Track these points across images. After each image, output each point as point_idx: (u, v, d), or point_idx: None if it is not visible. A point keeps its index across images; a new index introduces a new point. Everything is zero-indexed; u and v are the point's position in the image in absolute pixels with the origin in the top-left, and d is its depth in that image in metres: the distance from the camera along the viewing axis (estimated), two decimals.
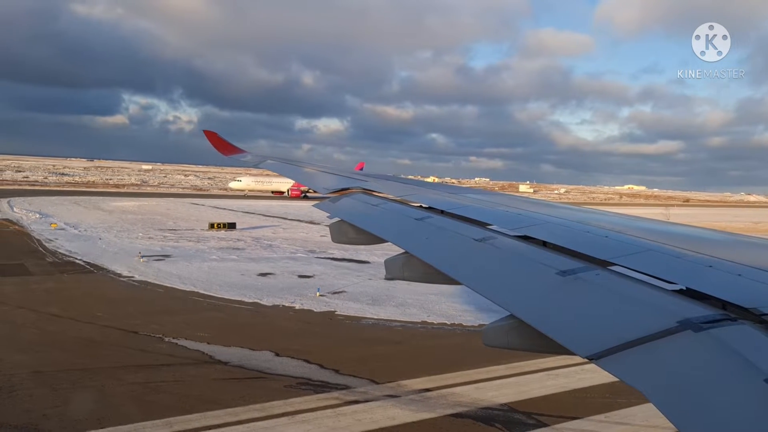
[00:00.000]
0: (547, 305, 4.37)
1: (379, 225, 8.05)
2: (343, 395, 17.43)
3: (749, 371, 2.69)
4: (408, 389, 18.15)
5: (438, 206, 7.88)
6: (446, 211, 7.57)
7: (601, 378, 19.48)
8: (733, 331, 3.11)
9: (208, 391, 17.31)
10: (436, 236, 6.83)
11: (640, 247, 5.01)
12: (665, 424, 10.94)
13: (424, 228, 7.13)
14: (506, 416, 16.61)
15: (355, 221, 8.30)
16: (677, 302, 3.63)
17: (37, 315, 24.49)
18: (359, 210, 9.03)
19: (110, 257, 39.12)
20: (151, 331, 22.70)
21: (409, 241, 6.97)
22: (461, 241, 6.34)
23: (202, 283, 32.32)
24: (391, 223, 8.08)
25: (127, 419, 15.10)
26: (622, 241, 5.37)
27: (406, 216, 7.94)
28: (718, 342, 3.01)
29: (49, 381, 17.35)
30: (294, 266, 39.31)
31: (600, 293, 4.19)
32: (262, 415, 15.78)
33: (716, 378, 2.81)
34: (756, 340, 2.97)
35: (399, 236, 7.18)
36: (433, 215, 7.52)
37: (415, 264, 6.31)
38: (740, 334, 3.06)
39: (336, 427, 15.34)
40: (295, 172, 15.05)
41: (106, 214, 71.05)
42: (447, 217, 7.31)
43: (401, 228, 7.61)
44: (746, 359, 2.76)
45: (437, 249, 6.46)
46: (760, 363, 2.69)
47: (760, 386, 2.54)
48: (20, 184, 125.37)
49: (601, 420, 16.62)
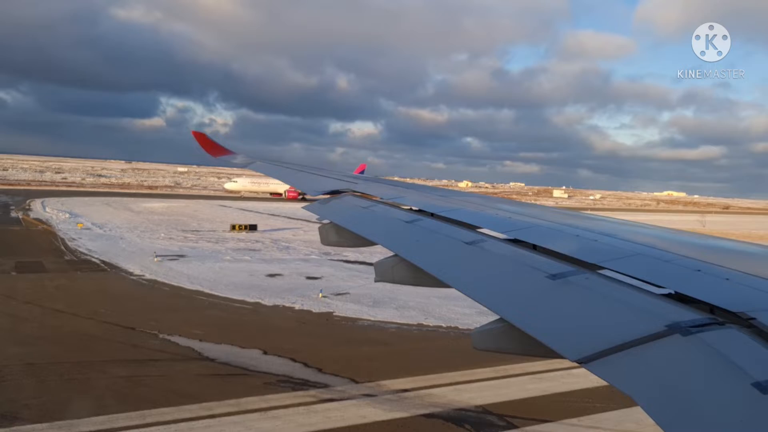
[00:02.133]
0: (536, 308, 4.38)
1: (368, 227, 8.08)
2: (319, 393, 17.67)
3: (737, 375, 2.71)
4: (386, 389, 18.30)
5: (428, 209, 7.93)
6: (436, 214, 7.61)
7: (586, 383, 19.40)
8: (720, 335, 3.13)
9: (189, 386, 17.73)
10: (426, 239, 6.84)
11: (629, 251, 5.03)
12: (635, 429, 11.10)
13: (414, 231, 7.16)
14: (478, 417, 16.64)
15: (345, 224, 8.32)
16: (666, 306, 3.66)
17: (42, 310, 25.32)
18: (349, 212, 9.06)
19: (126, 256, 40.09)
20: (147, 328, 23.28)
21: (399, 243, 6.98)
22: (451, 243, 6.35)
23: (209, 282, 32.94)
24: (380, 225, 8.10)
25: (103, 411, 15.59)
26: (611, 245, 5.40)
27: (395, 219, 7.97)
28: (706, 346, 3.03)
29: (38, 373, 17.97)
30: (304, 268, 39.74)
31: (589, 297, 4.21)
32: (236, 410, 16.11)
33: (704, 382, 2.83)
34: (743, 344, 2.99)
35: (389, 239, 7.22)
36: (423, 218, 7.56)
37: (404, 267, 6.31)
38: (728, 338, 3.08)
39: (305, 424, 15.58)
40: (283, 174, 15.01)
41: (134, 214, 72.65)
42: (437, 220, 7.34)
43: (391, 231, 7.65)
44: (734, 363, 2.79)
45: (427, 252, 6.47)
46: (748, 367, 2.73)
47: (748, 390, 2.56)
48: (58, 185, 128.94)
49: (572, 423, 16.55)
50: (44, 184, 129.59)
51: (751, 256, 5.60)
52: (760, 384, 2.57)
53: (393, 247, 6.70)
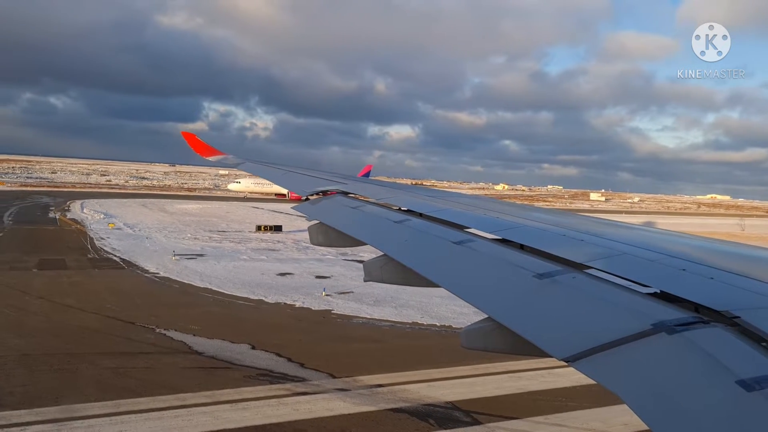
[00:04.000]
0: (523, 308, 4.42)
1: (357, 227, 8.19)
2: (294, 387, 18.15)
3: (722, 373, 2.75)
4: (362, 384, 18.67)
5: (417, 209, 8.00)
6: (425, 214, 7.67)
7: (564, 382, 19.48)
8: (705, 333, 3.16)
9: (171, 378, 18.40)
10: (415, 239, 6.90)
11: (615, 251, 5.07)
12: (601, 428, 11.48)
13: (403, 231, 7.22)
14: (445, 413, 16.88)
15: (334, 224, 8.40)
16: (651, 305, 3.70)
17: (52, 305, 26.47)
18: (338, 212, 9.15)
19: (147, 255, 41.35)
20: (147, 323, 24.15)
21: (388, 243, 7.03)
22: (439, 243, 6.39)
23: (218, 280, 33.82)
24: (369, 225, 8.17)
25: (82, 399, 16.35)
26: (598, 244, 5.45)
27: (384, 219, 8.03)
28: (691, 344, 3.07)
29: (31, 363, 18.92)
30: (317, 267, 40.36)
31: (576, 296, 4.25)
32: (209, 401, 16.70)
33: (689, 380, 2.87)
34: (728, 342, 3.03)
35: (377, 239, 7.28)
36: (412, 218, 7.60)
37: (393, 266, 6.34)
38: (712, 337, 3.12)
39: (272, 415, 16.06)
40: (272, 174, 15.18)
41: (167, 215, 74.62)
42: (426, 220, 7.39)
43: (380, 230, 7.74)
44: (718, 361, 2.83)
45: (415, 251, 6.53)
46: (732, 365, 2.77)
47: (733, 388, 2.60)
48: (101, 187, 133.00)
49: (538, 421, 16.63)
50: (88, 186, 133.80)
51: (735, 255, 5.66)
52: (744, 382, 2.61)
53: (381, 246, 6.78)
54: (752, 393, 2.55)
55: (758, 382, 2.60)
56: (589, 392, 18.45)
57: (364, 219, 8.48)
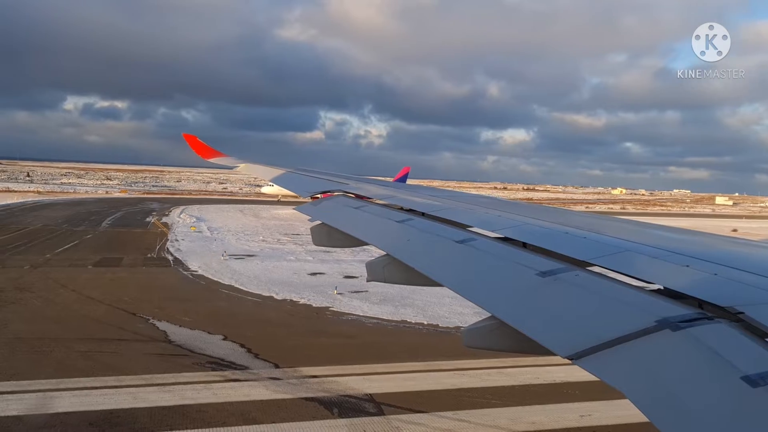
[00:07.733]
0: (527, 306, 4.44)
1: (360, 228, 8.32)
2: (230, 374, 19.15)
3: (726, 369, 2.75)
4: (298, 375, 19.33)
5: (419, 209, 8.16)
6: (427, 213, 7.81)
7: (508, 380, 19.20)
8: (710, 329, 3.18)
9: (127, 362, 19.97)
10: (417, 238, 6.96)
11: (618, 248, 5.11)
12: (506, 425, 12.38)
13: (405, 230, 7.29)
14: (355, 404, 17.20)
15: (337, 224, 8.56)
16: (655, 302, 3.72)
17: (77, 296, 29.18)
18: (340, 213, 9.33)
19: (201, 255, 44.03)
20: (146, 314, 26.12)
21: (390, 243, 7.12)
22: (442, 243, 6.43)
23: (247, 279, 35.58)
24: (372, 225, 8.27)
25: (33, 376, 18.22)
26: (601, 242, 5.49)
27: (387, 218, 8.12)
28: (696, 341, 3.08)
29: (16, 345, 21.22)
30: (352, 267, 41.24)
31: (579, 293, 4.29)
32: (142, 383, 18.08)
33: (694, 376, 2.87)
34: (732, 338, 3.05)
35: (380, 239, 7.40)
36: (414, 217, 7.74)
37: (396, 266, 6.39)
38: (717, 333, 3.13)
39: (189, 398, 17.12)
40: (274, 175, 15.72)
41: (256, 220, 78.25)
42: (428, 220, 7.49)
43: (382, 230, 7.83)
44: (723, 357, 2.83)
45: (418, 251, 6.60)
46: (737, 361, 2.77)
47: (737, 384, 2.60)
48: (212, 194, 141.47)
49: (443, 415, 16.55)
50: (203, 193, 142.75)
51: (739, 251, 5.70)
52: (749, 378, 2.62)
53: (384, 246, 6.87)
54: (757, 389, 2.55)
55: (763, 377, 2.60)
56: (525, 392, 18.13)
57: (366, 219, 8.59)
